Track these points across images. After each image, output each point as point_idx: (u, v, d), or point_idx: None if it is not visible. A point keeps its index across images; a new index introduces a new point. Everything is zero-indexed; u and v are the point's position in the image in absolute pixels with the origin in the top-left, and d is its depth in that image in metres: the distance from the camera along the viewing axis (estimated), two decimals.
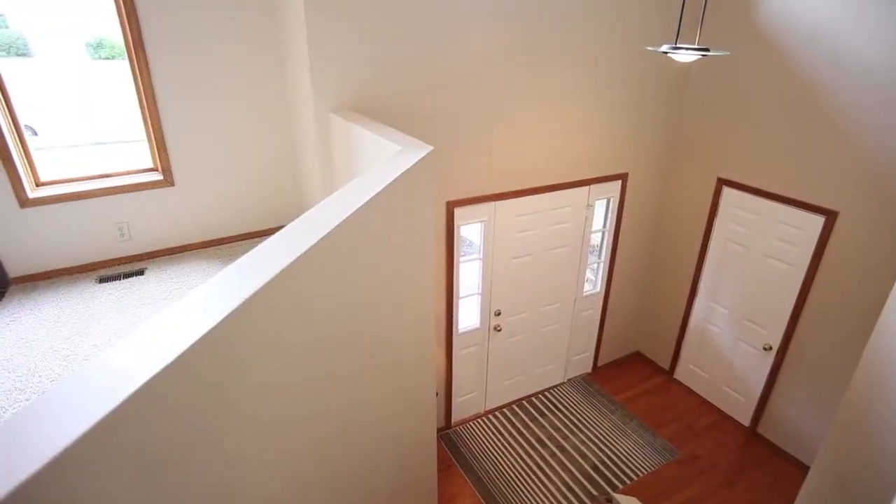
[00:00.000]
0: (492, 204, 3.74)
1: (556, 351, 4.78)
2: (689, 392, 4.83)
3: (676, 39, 2.80)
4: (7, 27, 8.27)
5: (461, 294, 3.95)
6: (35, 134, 7.41)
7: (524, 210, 3.92)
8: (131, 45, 2.93)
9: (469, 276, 4.02)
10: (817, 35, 3.35)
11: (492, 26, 3.28)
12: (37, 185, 3.05)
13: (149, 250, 3.29)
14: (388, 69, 3.04)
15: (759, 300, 4.08)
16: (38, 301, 2.87)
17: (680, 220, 4.63)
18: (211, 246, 3.43)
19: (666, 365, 5.08)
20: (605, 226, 4.58)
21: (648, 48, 2.92)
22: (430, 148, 2.13)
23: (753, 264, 4.07)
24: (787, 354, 3.96)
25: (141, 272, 3.14)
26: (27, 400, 2.14)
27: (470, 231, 3.91)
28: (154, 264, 3.22)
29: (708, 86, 4.14)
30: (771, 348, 4.04)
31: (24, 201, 2.94)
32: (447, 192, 3.56)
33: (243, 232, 3.55)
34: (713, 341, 4.54)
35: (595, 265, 4.77)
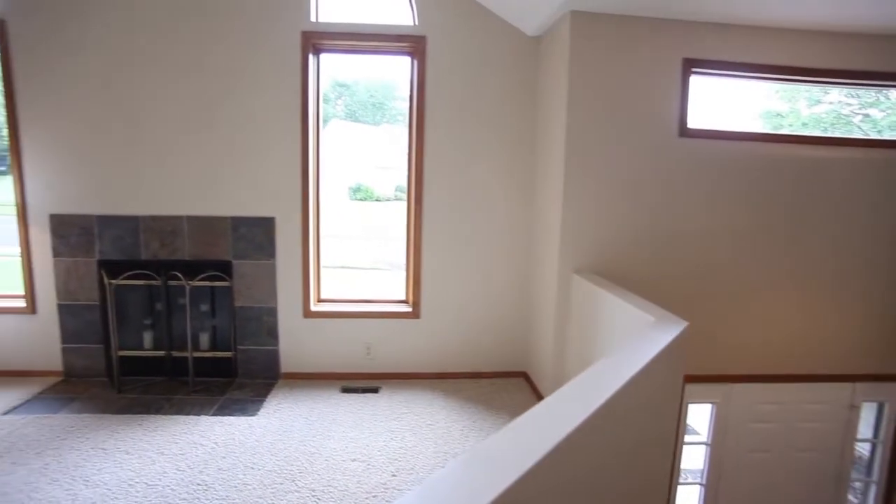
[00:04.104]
0: (728, 385, 3.36)
1: None
2: None
3: None
4: None
5: (680, 479, 3.47)
6: None
7: (766, 398, 3.42)
8: (412, 197, 3.61)
9: (690, 460, 3.55)
10: None
11: (740, 204, 3.23)
12: (318, 301, 3.77)
13: (385, 371, 3.69)
14: (626, 239, 3.16)
15: None
16: (296, 397, 3.38)
17: None
18: (439, 378, 3.70)
19: None
20: (875, 436, 3.69)
21: None
22: (686, 323, 2.07)
23: None
24: None
25: (376, 390, 3.51)
26: (280, 484, 2.45)
27: (694, 410, 3.53)
28: (388, 384, 3.59)
29: None
30: None
31: (307, 312, 3.63)
32: None
33: (470, 370, 3.76)
34: None
35: (860, 484, 3.79)
